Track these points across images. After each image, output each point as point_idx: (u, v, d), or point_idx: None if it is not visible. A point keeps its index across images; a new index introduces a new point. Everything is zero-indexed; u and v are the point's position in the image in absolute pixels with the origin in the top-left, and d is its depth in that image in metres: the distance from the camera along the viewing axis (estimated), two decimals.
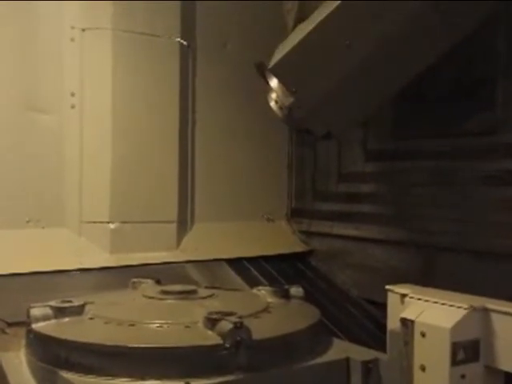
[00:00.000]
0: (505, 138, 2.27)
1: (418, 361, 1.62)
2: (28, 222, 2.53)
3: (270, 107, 2.19)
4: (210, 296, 1.77)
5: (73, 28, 2.62)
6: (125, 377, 1.31)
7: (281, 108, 2.16)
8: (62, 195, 2.62)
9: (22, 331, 1.57)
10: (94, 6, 2.64)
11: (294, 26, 2.22)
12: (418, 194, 2.58)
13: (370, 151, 2.83)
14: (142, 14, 2.72)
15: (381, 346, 1.87)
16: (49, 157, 2.60)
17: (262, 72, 2.16)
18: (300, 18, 2.20)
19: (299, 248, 3.15)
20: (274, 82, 2.13)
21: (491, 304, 1.61)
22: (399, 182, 2.70)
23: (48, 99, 2.60)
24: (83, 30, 2.63)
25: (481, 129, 2.36)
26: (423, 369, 1.61)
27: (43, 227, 2.56)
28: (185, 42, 2.87)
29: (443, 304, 1.63)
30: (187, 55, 2.91)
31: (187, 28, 2.89)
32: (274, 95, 2.16)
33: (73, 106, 2.64)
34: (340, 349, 1.60)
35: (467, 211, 2.38)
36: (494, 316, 1.60)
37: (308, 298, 1.87)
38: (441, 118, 2.47)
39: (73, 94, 2.63)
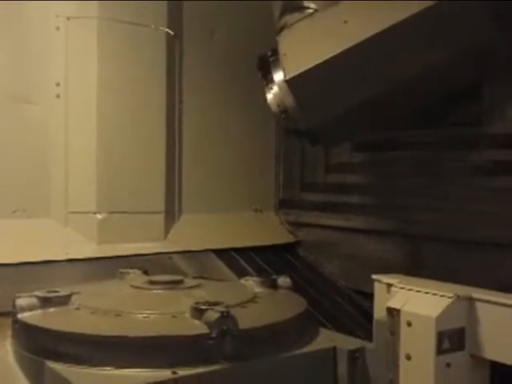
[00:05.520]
0: (489, 129, 2.29)
1: (403, 350, 1.63)
2: (14, 212, 2.50)
3: (262, 98, 2.11)
4: (197, 286, 1.77)
5: (57, 16, 2.58)
6: (111, 366, 1.31)
7: (280, 109, 2.08)
8: (48, 185, 2.59)
9: (8, 321, 1.56)
10: None
11: (280, 16, 2.22)
12: (405, 185, 2.60)
13: (356, 142, 2.83)
14: (128, 3, 2.69)
15: (367, 335, 1.89)
16: (34, 147, 2.57)
17: (267, 64, 2.10)
18: (285, 9, 2.20)
19: (287, 239, 3.15)
20: (279, 77, 2.05)
21: (476, 293, 1.63)
22: (386, 172, 2.71)
23: (33, 89, 2.56)
24: (68, 18, 2.59)
25: (466, 119, 2.37)
26: (409, 358, 1.62)
27: (29, 217, 2.54)
28: (171, 32, 2.84)
29: (429, 293, 1.64)
30: (174, 45, 2.88)
31: (174, 17, 2.86)
32: (274, 90, 2.08)
33: (58, 96, 2.60)
34: (326, 338, 1.60)
35: (453, 201, 2.39)
36: (479, 305, 1.61)
37: (296, 288, 1.88)
38: (427, 109, 2.47)
39: (58, 84, 2.59)
